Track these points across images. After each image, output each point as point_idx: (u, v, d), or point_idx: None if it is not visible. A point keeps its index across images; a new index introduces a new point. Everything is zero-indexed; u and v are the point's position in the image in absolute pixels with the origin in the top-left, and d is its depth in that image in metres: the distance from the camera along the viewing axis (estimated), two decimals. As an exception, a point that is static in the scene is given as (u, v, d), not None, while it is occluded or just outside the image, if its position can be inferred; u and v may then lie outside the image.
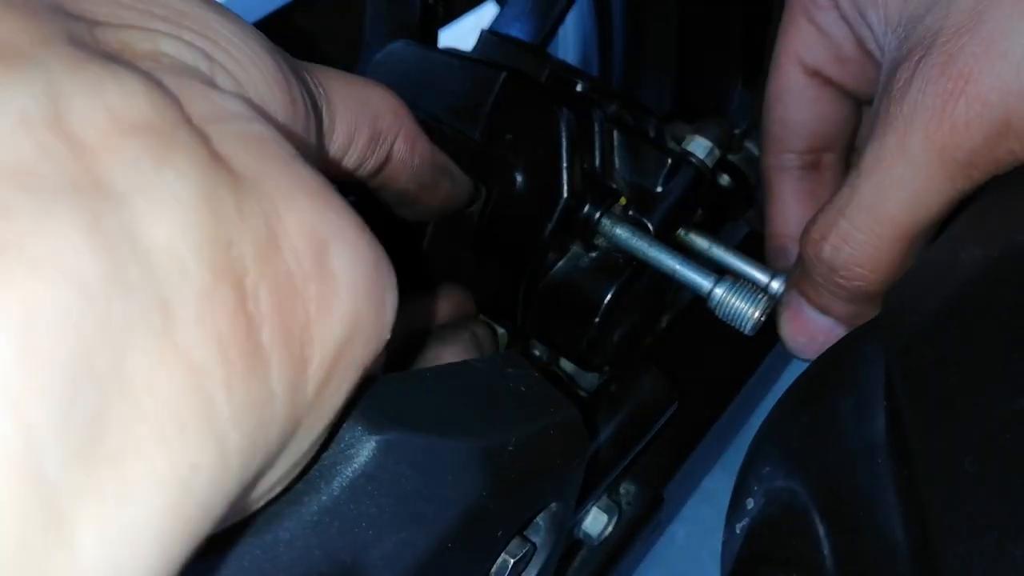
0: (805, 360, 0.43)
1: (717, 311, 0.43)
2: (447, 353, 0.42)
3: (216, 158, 0.19)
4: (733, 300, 0.42)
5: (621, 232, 0.44)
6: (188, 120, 0.19)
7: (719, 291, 0.42)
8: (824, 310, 0.42)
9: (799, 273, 0.42)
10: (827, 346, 0.41)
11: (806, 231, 0.40)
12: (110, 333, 0.16)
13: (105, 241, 0.16)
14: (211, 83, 0.22)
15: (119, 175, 0.17)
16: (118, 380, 0.16)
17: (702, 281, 0.43)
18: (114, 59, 0.19)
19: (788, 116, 0.46)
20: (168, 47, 0.22)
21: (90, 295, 0.16)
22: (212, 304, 0.18)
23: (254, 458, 0.19)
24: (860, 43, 0.42)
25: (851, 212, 0.37)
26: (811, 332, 0.43)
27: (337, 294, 0.21)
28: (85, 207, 0.16)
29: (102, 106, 0.18)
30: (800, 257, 0.41)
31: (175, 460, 0.17)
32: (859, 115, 0.47)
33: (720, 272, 0.44)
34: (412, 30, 0.54)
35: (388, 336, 0.23)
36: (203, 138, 0.19)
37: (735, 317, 0.42)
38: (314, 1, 0.82)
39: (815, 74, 0.45)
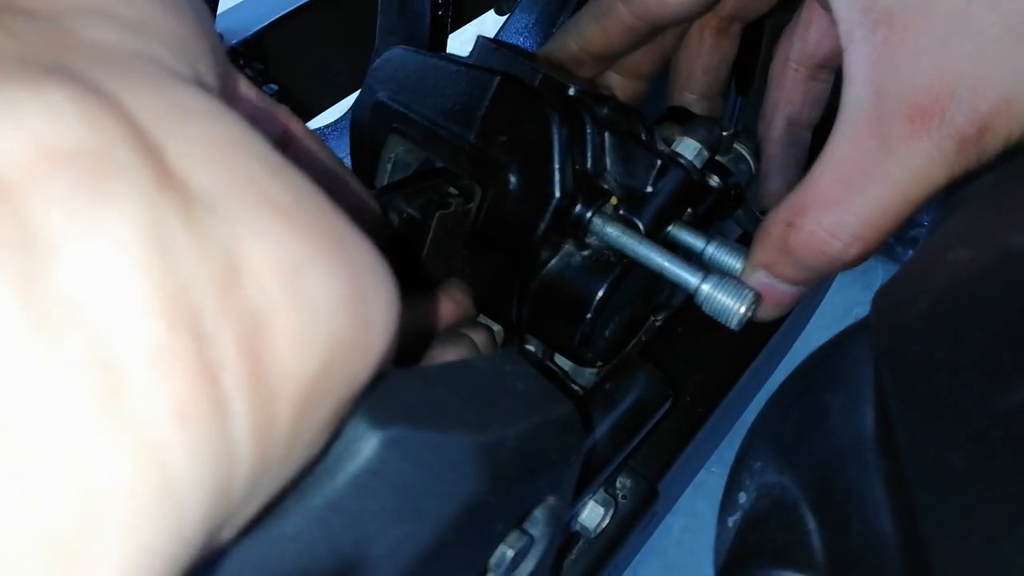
0: (769, 319, 0.47)
1: (704, 307, 0.44)
2: (450, 355, 0.42)
3: (166, 179, 0.16)
4: (719, 296, 0.43)
5: (612, 231, 0.45)
6: (134, 131, 0.17)
7: (706, 287, 0.43)
8: (803, 283, 0.45)
9: (775, 258, 0.44)
10: (786, 308, 0.47)
11: (797, 227, 0.42)
12: (49, 419, 0.14)
13: (35, 312, 0.14)
14: (161, 67, 0.19)
15: (50, 221, 0.15)
16: (63, 470, 0.14)
17: (689, 278, 0.43)
18: (34, 64, 0.16)
19: None
20: (99, 32, 0.19)
21: (22, 376, 0.14)
22: (167, 362, 0.15)
23: (215, 514, 0.17)
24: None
25: (867, 218, 0.40)
26: (780, 300, 0.46)
27: (313, 322, 0.18)
28: (12, 269, 0.14)
29: (24, 136, 0.15)
30: (769, 241, 0.44)
31: (132, 551, 0.15)
32: None
33: (708, 270, 0.44)
34: (421, 39, 0.55)
35: (382, 348, 0.21)
36: (152, 152, 0.17)
37: (721, 313, 0.43)
38: (325, 10, 0.82)
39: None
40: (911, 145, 0.38)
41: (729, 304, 0.43)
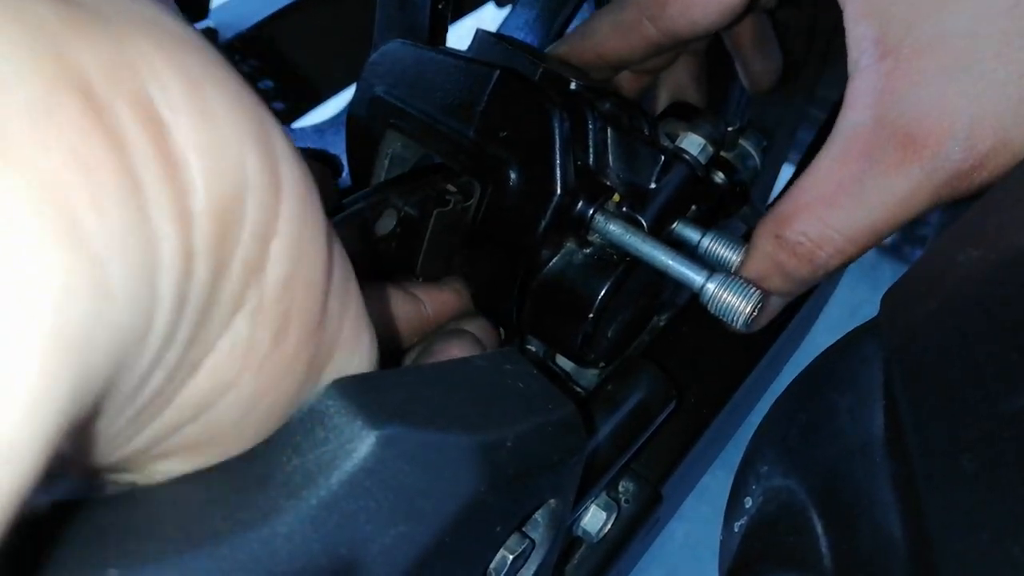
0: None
1: (709, 306, 0.43)
2: (453, 351, 0.42)
3: None
4: (725, 295, 0.42)
5: (614, 229, 0.45)
6: None
7: (711, 286, 0.43)
8: (789, 294, 0.47)
9: (763, 268, 0.45)
10: (774, 316, 0.49)
11: (785, 239, 0.44)
12: None
13: None
14: None
15: None
16: None
17: (694, 276, 0.43)
18: None
19: None
20: None
21: None
22: (51, 111, 0.15)
23: (144, 301, 0.16)
24: None
25: (852, 234, 0.42)
26: (771, 312, 0.48)
27: (219, 135, 0.18)
28: None
29: None
30: (760, 254, 0.45)
31: (39, 280, 0.14)
32: None
33: (713, 268, 0.44)
34: (421, 33, 0.55)
35: (296, 208, 0.20)
36: None
37: (727, 312, 0.43)
38: (322, 3, 0.82)
39: None
40: (900, 171, 0.40)
41: (735, 303, 0.42)
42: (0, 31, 0.14)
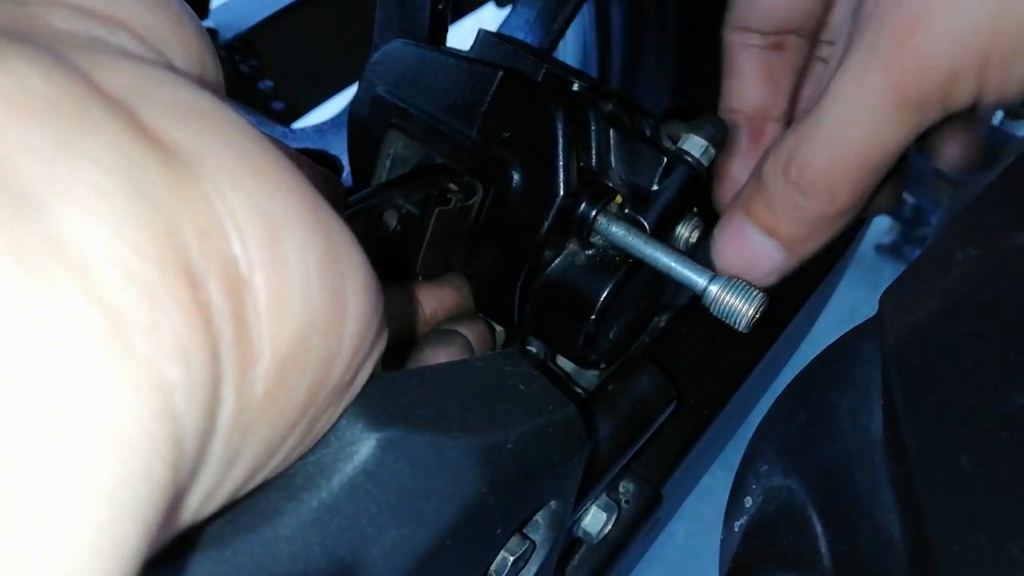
0: (725, 272, 0.44)
1: (712, 308, 0.43)
2: (441, 355, 0.41)
3: (142, 132, 0.17)
4: (727, 297, 0.42)
5: (617, 230, 0.45)
6: (102, 93, 0.17)
7: (714, 288, 0.43)
8: (771, 231, 0.43)
9: (751, 192, 0.43)
10: (760, 274, 0.44)
11: (771, 152, 0.41)
12: (57, 363, 0.14)
13: (29, 263, 0.14)
14: (126, 53, 0.19)
15: (29, 174, 0.15)
16: (74, 413, 0.14)
17: (697, 278, 0.43)
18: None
19: None
20: (63, 21, 0.19)
21: (25, 326, 0.14)
22: (165, 301, 0.16)
23: (196, 458, 0.17)
24: None
25: (816, 142, 0.39)
26: (750, 255, 0.44)
27: (289, 285, 0.19)
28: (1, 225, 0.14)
29: None
30: (755, 177, 0.43)
31: (138, 485, 0.15)
32: (827, 3, 0.47)
33: (715, 270, 0.44)
34: (421, 33, 0.55)
35: (358, 330, 0.21)
36: (125, 111, 0.17)
37: (729, 314, 0.43)
38: (321, 4, 0.82)
39: None
40: (849, 52, 0.37)
41: (738, 306, 0.42)
42: (115, 203, 0.15)
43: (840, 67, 0.38)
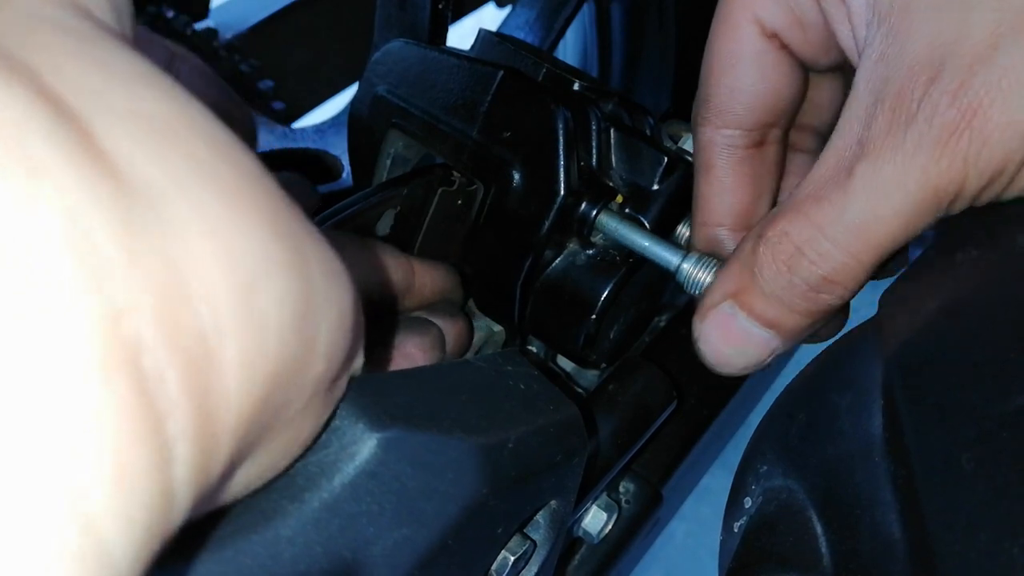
0: (726, 373, 0.40)
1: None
2: (412, 343, 0.40)
3: (96, 162, 0.14)
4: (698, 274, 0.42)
5: (618, 229, 0.45)
6: (53, 104, 0.14)
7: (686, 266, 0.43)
8: (769, 324, 0.37)
9: (742, 283, 0.37)
10: (754, 363, 0.39)
11: (763, 239, 0.36)
12: None
13: None
14: (89, 17, 0.16)
15: None
16: None
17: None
18: None
19: (739, 84, 0.39)
20: None
21: None
22: (105, 424, 0.13)
23: (149, 553, 0.15)
24: (823, 12, 0.36)
25: (836, 233, 0.34)
26: (744, 343, 0.38)
27: (262, 345, 0.16)
28: None
29: None
30: (742, 265, 0.37)
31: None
32: (807, 86, 0.41)
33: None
34: (421, 32, 0.55)
35: (322, 369, 0.19)
36: (78, 130, 0.14)
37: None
38: (322, 3, 0.82)
39: (773, 37, 0.38)
40: (886, 142, 0.32)
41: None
42: (58, 278, 0.13)
43: (870, 156, 0.33)
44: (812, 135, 0.44)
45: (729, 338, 0.38)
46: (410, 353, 0.40)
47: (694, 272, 0.42)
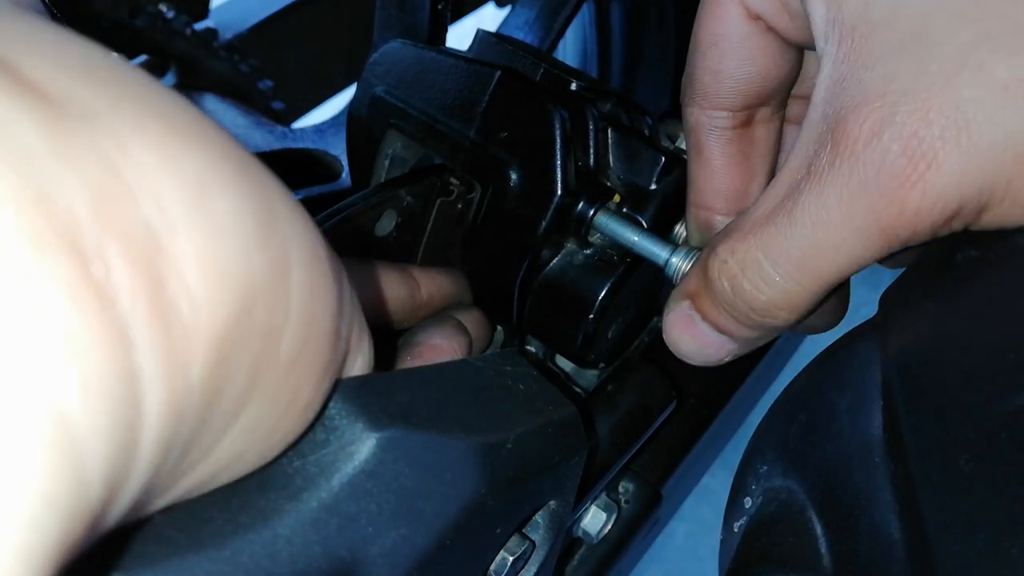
0: (694, 364, 0.41)
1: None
2: (434, 335, 0.40)
3: (16, 83, 0.14)
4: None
5: (615, 229, 0.45)
6: None
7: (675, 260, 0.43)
8: (722, 331, 0.38)
9: (698, 287, 0.38)
10: (712, 360, 0.40)
11: (716, 254, 0.36)
12: None
13: None
14: None
15: None
16: None
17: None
18: None
19: (724, 67, 0.39)
20: None
21: None
22: (38, 285, 0.13)
23: (121, 463, 0.15)
24: (804, 3, 0.35)
25: (778, 260, 0.34)
26: (702, 343, 0.39)
27: (224, 250, 0.16)
28: None
29: None
30: (701, 269, 0.37)
31: (29, 502, 0.13)
32: (801, 63, 0.41)
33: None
34: (421, 33, 0.55)
35: (305, 297, 0.19)
36: (3, 68, 0.14)
37: None
38: (321, 3, 0.82)
39: (758, 20, 0.38)
40: (831, 176, 0.32)
41: None
42: None
43: (815, 188, 0.32)
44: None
45: (688, 335, 0.39)
46: (436, 344, 0.40)
47: (682, 265, 0.42)
